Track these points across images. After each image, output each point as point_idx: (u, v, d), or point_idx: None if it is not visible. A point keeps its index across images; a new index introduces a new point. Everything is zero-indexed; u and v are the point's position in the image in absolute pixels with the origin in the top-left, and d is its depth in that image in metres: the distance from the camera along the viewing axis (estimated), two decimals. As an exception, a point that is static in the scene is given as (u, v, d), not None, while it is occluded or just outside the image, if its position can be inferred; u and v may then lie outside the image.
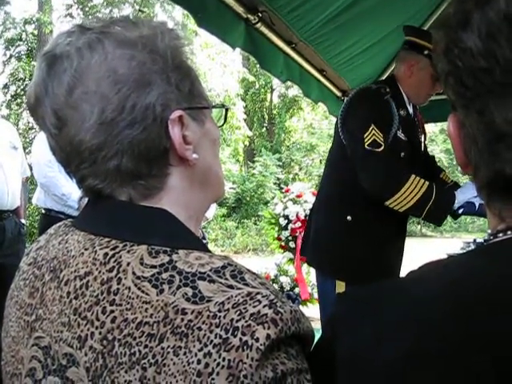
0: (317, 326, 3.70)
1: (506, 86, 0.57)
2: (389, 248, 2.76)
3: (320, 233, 2.80)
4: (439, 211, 2.55)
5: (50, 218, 4.21)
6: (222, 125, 0.93)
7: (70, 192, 4.11)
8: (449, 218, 2.67)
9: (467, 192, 2.49)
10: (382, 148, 2.54)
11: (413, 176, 2.52)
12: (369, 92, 2.81)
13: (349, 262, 2.66)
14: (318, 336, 0.69)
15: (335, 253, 2.71)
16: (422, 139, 2.97)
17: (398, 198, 2.49)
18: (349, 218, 2.67)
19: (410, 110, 2.82)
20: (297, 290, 6.55)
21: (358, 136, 2.57)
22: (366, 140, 2.53)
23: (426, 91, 2.79)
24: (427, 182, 2.53)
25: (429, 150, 3.08)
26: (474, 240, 6.74)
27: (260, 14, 2.88)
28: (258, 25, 2.93)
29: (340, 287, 2.67)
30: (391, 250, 2.79)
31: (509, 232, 0.62)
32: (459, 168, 0.70)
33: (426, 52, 2.71)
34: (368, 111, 2.66)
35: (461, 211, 2.52)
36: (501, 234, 0.63)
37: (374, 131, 2.54)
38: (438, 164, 3.23)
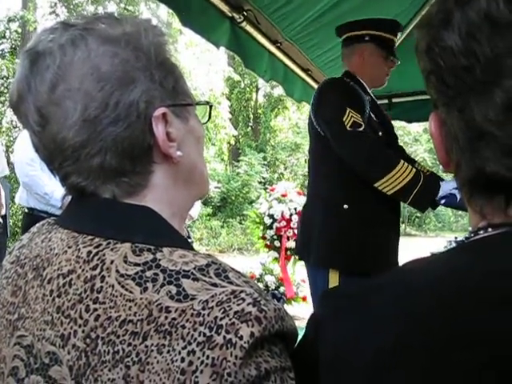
0: (301, 324, 3.71)
1: (486, 84, 0.57)
2: (386, 230, 2.77)
3: (319, 228, 2.77)
4: (425, 198, 2.57)
5: (32, 217, 4.18)
6: (206, 122, 0.93)
7: (52, 191, 4.08)
8: (433, 218, 2.69)
9: (450, 183, 2.52)
10: (364, 127, 2.58)
11: (402, 160, 2.55)
12: (334, 81, 2.89)
13: (346, 247, 2.65)
14: (302, 334, 0.69)
15: (332, 241, 2.70)
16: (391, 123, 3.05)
17: (388, 180, 2.51)
18: (345, 206, 2.67)
19: (373, 96, 2.90)
20: (282, 288, 6.56)
21: (338, 121, 2.59)
22: (346, 123, 2.56)
23: (382, 72, 2.87)
24: (414, 169, 2.55)
25: (413, 149, 3.12)
26: (455, 238, 6.79)
27: (245, 13, 2.89)
28: (244, 23, 2.94)
29: (333, 279, 2.66)
30: (389, 233, 2.79)
31: (489, 229, 0.63)
32: (441, 166, 0.70)
33: (367, 38, 2.81)
34: (339, 97, 2.71)
35: (443, 202, 2.54)
36: (482, 232, 0.64)
37: (351, 113, 2.57)
38: (422, 164, 3.24)
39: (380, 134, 2.74)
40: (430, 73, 0.65)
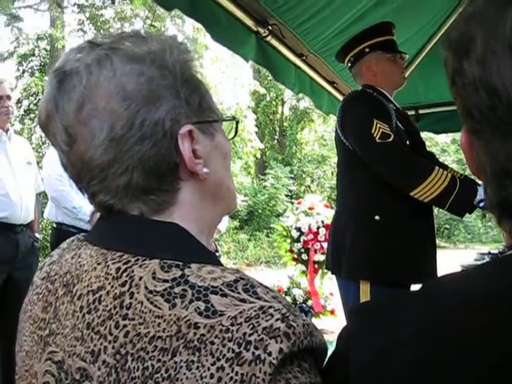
0: (330, 338, 3.67)
1: (509, 124, 0.56)
2: (420, 240, 2.72)
3: (350, 240, 2.74)
4: (463, 203, 2.53)
5: (61, 232, 4.24)
6: (233, 137, 0.94)
7: (80, 205, 4.13)
8: (462, 230, 2.64)
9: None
10: (393, 137, 2.55)
11: (437, 167, 2.52)
12: (358, 93, 2.90)
13: (377, 258, 2.62)
14: (331, 348, 0.69)
15: (363, 252, 2.67)
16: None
17: (424, 188, 2.48)
18: (377, 217, 2.64)
19: (397, 104, 2.88)
20: (310, 302, 6.53)
21: (366, 134, 2.58)
22: (375, 135, 2.54)
23: (396, 73, 2.87)
24: (450, 174, 2.52)
25: (441, 160, 3.06)
26: (489, 252, 6.71)
27: (270, 27, 2.91)
28: (269, 38, 2.96)
29: (364, 291, 2.63)
30: (423, 243, 2.74)
31: None
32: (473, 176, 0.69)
33: (367, 50, 2.82)
34: (365, 108, 2.70)
35: (482, 205, 2.49)
36: None
37: (379, 124, 2.56)
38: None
39: (407, 142, 2.72)
40: (456, 99, 0.63)
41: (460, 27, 0.62)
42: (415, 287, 0.68)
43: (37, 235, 3.87)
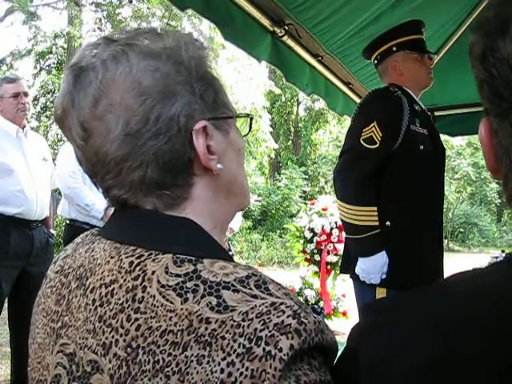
0: (341, 340, 3.66)
1: None
2: (430, 249, 2.73)
3: None
4: (358, 247, 2.68)
5: (74, 229, 4.28)
6: (247, 134, 0.94)
7: (93, 202, 4.17)
8: (476, 234, 2.62)
9: (372, 264, 2.61)
10: (377, 146, 2.57)
11: (375, 208, 2.59)
12: (377, 92, 2.87)
13: (392, 263, 2.62)
14: (341, 350, 0.69)
15: None
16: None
17: (349, 210, 2.60)
18: (388, 223, 2.64)
19: (422, 105, 2.86)
20: (322, 303, 6.52)
21: (358, 129, 2.62)
22: (363, 134, 2.58)
23: (423, 73, 2.84)
24: (377, 224, 2.60)
25: (456, 163, 3.06)
26: (503, 251, 6.68)
27: (286, 27, 2.91)
28: (285, 38, 2.96)
29: (381, 295, 2.63)
30: (432, 252, 2.75)
31: None
32: (490, 173, 0.68)
33: (394, 49, 2.80)
34: (373, 109, 2.70)
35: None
36: None
37: (374, 128, 2.56)
38: (465, 178, 3.18)
39: (421, 147, 2.68)
40: (484, 81, 0.62)
41: (495, 9, 0.61)
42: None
43: (52, 231, 3.89)
